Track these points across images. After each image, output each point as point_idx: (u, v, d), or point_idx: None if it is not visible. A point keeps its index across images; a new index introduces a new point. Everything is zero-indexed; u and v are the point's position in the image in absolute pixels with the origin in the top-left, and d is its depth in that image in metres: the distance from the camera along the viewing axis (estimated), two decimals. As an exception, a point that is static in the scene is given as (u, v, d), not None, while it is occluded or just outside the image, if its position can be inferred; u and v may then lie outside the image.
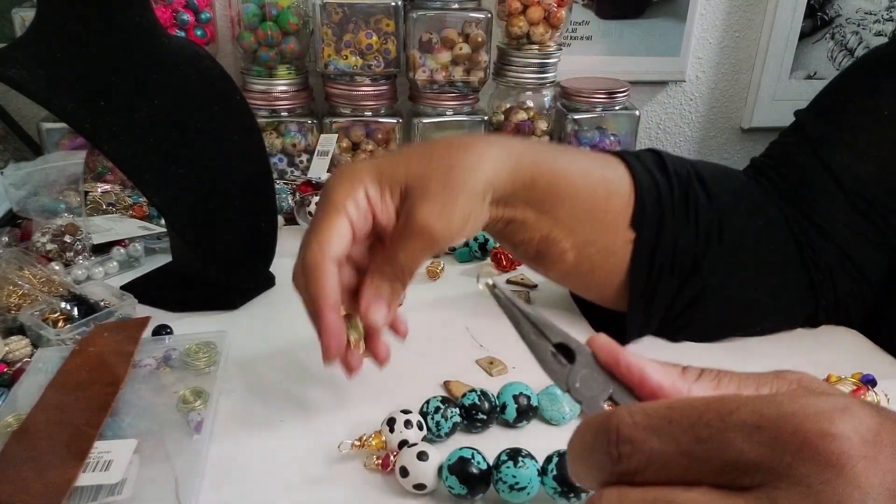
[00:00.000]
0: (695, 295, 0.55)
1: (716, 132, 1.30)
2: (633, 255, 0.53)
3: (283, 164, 0.98)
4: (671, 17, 1.15)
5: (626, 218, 0.53)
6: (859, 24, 1.22)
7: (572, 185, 0.51)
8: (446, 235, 0.44)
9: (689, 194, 0.55)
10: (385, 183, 0.44)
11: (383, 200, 0.44)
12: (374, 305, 0.43)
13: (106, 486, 0.39)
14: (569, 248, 0.51)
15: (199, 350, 0.52)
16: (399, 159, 0.46)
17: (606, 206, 0.52)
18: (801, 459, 0.21)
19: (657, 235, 0.53)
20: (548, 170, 0.49)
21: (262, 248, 0.67)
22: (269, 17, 0.91)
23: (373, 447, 0.44)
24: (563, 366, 0.29)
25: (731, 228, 0.56)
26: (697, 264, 0.54)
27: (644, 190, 0.53)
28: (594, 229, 0.52)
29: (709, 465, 0.22)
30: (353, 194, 0.43)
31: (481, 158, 0.46)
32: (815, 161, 0.59)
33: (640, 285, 0.54)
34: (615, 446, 0.23)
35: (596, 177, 0.53)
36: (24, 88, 0.54)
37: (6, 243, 0.70)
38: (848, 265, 0.58)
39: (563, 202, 0.50)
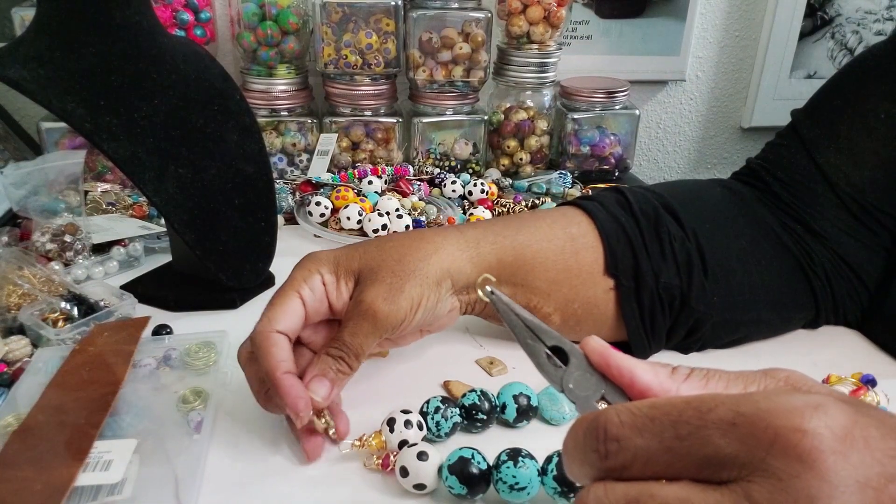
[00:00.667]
0: (692, 325, 0.55)
1: (716, 131, 1.30)
2: (618, 301, 0.54)
3: (282, 163, 0.98)
4: (671, 17, 1.15)
5: (600, 267, 0.54)
6: (859, 23, 1.22)
7: (539, 254, 0.52)
8: (392, 318, 0.45)
9: (659, 231, 0.55)
10: (341, 271, 0.47)
11: (338, 287, 0.47)
12: (315, 381, 0.44)
13: (106, 486, 0.39)
14: (552, 310, 0.53)
15: (199, 350, 0.52)
16: (356, 249, 0.49)
17: (578, 262, 0.53)
18: (774, 454, 0.22)
19: (636, 278, 0.54)
20: (510, 247, 0.52)
21: (261, 247, 0.67)
22: (269, 16, 0.91)
23: (373, 447, 0.44)
24: (558, 367, 0.30)
25: (714, 257, 0.55)
26: (685, 298, 0.54)
27: (610, 237, 0.54)
28: (571, 288, 0.53)
29: (689, 460, 0.23)
30: (308, 278, 0.47)
31: (436, 249, 0.49)
32: (810, 164, 0.59)
33: (636, 325, 0.54)
34: (603, 444, 0.25)
35: (560, 238, 0.54)
36: (24, 88, 0.54)
37: (6, 243, 0.70)
38: (844, 268, 0.58)
39: (534, 272, 0.52)
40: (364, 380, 0.54)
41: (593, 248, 0.54)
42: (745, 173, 0.64)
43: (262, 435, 0.47)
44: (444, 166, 1.00)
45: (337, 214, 0.80)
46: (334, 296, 0.47)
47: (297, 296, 0.46)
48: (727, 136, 1.31)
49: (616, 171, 1.07)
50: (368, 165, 0.95)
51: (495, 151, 1.04)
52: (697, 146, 1.30)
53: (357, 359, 0.46)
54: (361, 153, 0.99)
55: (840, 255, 0.58)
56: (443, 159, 1.01)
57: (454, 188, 0.90)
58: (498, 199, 0.91)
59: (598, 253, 0.54)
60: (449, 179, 0.91)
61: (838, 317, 0.61)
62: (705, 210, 0.59)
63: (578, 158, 1.05)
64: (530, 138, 1.02)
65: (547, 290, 0.53)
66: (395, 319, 0.46)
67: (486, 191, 0.90)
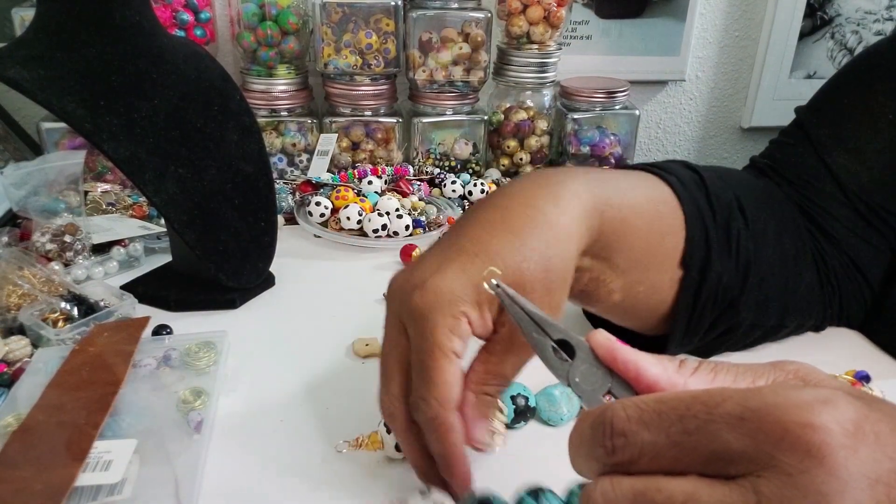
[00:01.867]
0: (727, 328, 0.54)
1: (716, 131, 1.30)
2: (679, 293, 0.51)
3: (282, 163, 0.98)
4: (671, 17, 1.15)
5: (678, 256, 0.51)
6: (859, 23, 1.22)
7: (633, 229, 0.48)
8: None
9: (730, 226, 0.53)
10: (483, 301, 0.39)
11: (482, 319, 0.39)
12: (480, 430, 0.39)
13: (106, 486, 0.39)
14: (617, 289, 0.49)
15: (199, 350, 0.52)
16: (488, 256, 0.39)
17: (662, 245, 0.50)
18: (783, 449, 0.21)
19: (703, 274, 0.51)
20: (615, 216, 0.46)
21: (261, 247, 0.67)
22: (269, 16, 0.91)
23: (369, 447, 0.44)
24: (564, 361, 0.30)
25: (762, 261, 0.54)
26: (735, 302, 0.53)
27: (694, 227, 0.51)
28: (646, 270, 0.50)
29: (696, 455, 0.23)
30: (456, 330, 0.38)
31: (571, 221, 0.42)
32: (818, 164, 0.58)
33: (683, 321, 0.52)
34: (609, 439, 0.24)
35: (652, 213, 0.50)
36: (24, 88, 0.54)
37: (6, 243, 0.70)
38: (853, 271, 0.58)
39: (622, 250, 0.48)
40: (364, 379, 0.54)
41: (678, 234, 0.51)
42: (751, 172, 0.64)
43: (262, 435, 0.47)
44: (444, 166, 1.00)
45: (337, 214, 0.79)
46: (479, 329, 0.39)
47: (454, 359, 0.38)
48: (727, 136, 1.31)
49: (616, 171, 1.07)
50: (368, 165, 0.95)
51: (495, 151, 1.04)
52: (697, 146, 1.30)
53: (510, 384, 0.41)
54: (361, 153, 0.99)
55: (850, 256, 0.58)
56: (443, 159, 1.01)
57: (454, 188, 0.90)
58: (498, 199, 0.91)
59: (679, 238, 0.51)
60: (449, 179, 0.91)
61: (841, 318, 0.61)
62: (765, 209, 0.57)
63: (578, 158, 1.05)
64: (530, 138, 1.02)
65: (624, 268, 0.48)
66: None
67: (486, 191, 0.90)
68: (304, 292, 0.67)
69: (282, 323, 0.62)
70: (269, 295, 0.67)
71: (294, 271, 0.70)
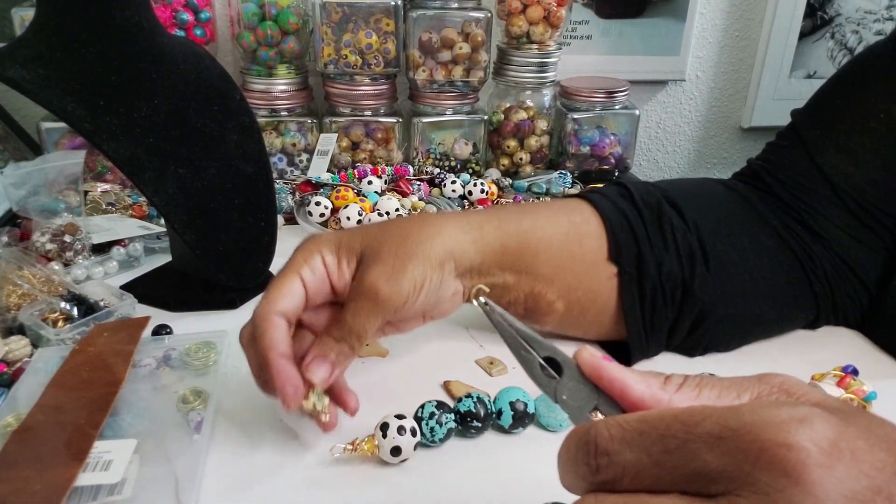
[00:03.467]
0: (694, 319, 0.55)
1: (715, 131, 1.30)
2: (620, 289, 0.54)
3: (282, 163, 0.98)
4: (671, 17, 1.15)
5: (603, 254, 0.54)
6: (859, 23, 1.22)
7: (543, 240, 0.52)
8: (394, 298, 0.45)
9: (661, 222, 0.55)
10: (342, 252, 0.46)
11: (339, 268, 0.46)
12: (314, 363, 0.44)
13: (106, 486, 0.39)
14: (555, 298, 0.53)
15: (199, 350, 0.52)
16: (358, 231, 0.48)
17: (581, 248, 0.53)
18: (760, 468, 0.22)
19: (638, 266, 0.53)
20: (514, 232, 0.51)
21: (261, 247, 0.67)
22: (269, 16, 0.91)
23: (365, 451, 0.44)
24: (552, 378, 0.30)
25: (715, 251, 0.55)
26: (687, 289, 0.54)
27: (614, 225, 0.54)
28: (575, 274, 0.53)
29: (677, 473, 0.23)
30: (309, 259, 0.46)
31: (439, 230, 0.48)
32: (810, 165, 0.59)
33: (636, 317, 0.54)
34: (594, 458, 0.25)
35: (563, 223, 0.54)
36: (24, 88, 0.54)
37: (6, 243, 0.70)
38: (845, 270, 0.58)
39: (538, 258, 0.51)
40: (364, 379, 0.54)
41: (597, 235, 0.54)
42: (746, 174, 0.64)
43: (262, 435, 0.47)
44: (443, 166, 1.00)
45: (337, 214, 0.79)
46: (336, 276, 0.46)
47: (298, 277, 0.45)
48: (727, 136, 1.31)
49: (616, 171, 1.07)
50: (368, 165, 0.95)
51: (495, 151, 1.04)
52: (697, 146, 1.30)
53: (359, 340, 0.45)
54: (361, 153, 0.99)
55: (840, 255, 0.58)
56: (443, 159, 1.01)
57: (454, 188, 0.90)
58: (498, 199, 0.91)
59: (601, 241, 0.54)
60: (449, 179, 0.91)
61: (838, 317, 0.61)
62: (707, 205, 0.59)
63: (578, 158, 1.05)
64: (530, 138, 1.02)
65: (551, 276, 0.52)
66: (397, 300, 0.45)
67: (486, 191, 0.90)
68: (303, 292, 0.67)
69: (282, 323, 0.62)
70: (269, 295, 0.67)
71: (294, 271, 0.70)
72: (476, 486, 0.44)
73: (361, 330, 0.44)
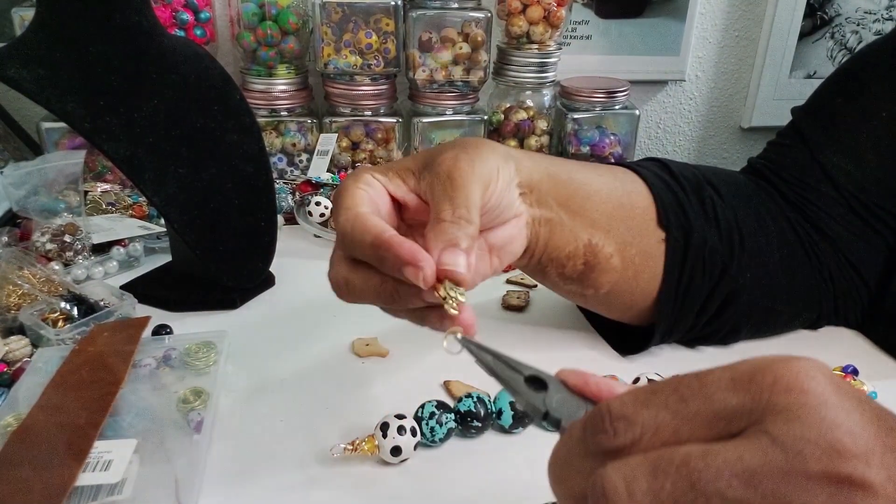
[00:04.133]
0: (724, 298, 0.54)
1: (715, 131, 1.30)
2: (666, 255, 0.52)
3: (282, 163, 0.98)
4: (671, 17, 1.15)
5: (653, 216, 0.52)
6: (859, 23, 1.22)
7: (592, 186, 0.49)
8: (479, 171, 0.39)
9: (703, 197, 0.54)
10: (391, 171, 0.42)
11: (392, 181, 0.41)
12: (448, 252, 0.35)
13: (106, 486, 0.39)
14: (613, 251, 0.50)
15: (199, 350, 0.52)
16: (401, 158, 0.44)
17: (631, 204, 0.51)
18: (777, 393, 0.23)
19: (686, 234, 0.52)
20: (560, 166, 0.49)
21: (261, 247, 0.67)
22: (269, 16, 0.91)
23: (365, 451, 0.44)
24: (539, 392, 0.30)
25: (749, 233, 0.55)
26: (726, 268, 0.53)
27: (660, 191, 0.52)
28: (629, 229, 0.51)
29: (698, 420, 0.24)
30: (361, 177, 0.41)
31: (494, 147, 0.44)
32: (812, 163, 0.59)
33: (671, 286, 0.52)
34: (610, 425, 0.25)
35: (609, 177, 0.52)
36: (24, 88, 0.54)
37: (6, 243, 0.70)
38: (848, 269, 0.58)
39: (590, 201, 0.49)
40: (364, 378, 0.54)
41: (645, 196, 0.52)
42: (749, 172, 0.64)
43: (262, 435, 0.47)
44: (443, 166, 1.00)
45: (337, 214, 0.79)
46: (392, 187, 0.41)
47: (358, 188, 0.40)
48: (727, 136, 1.30)
49: (616, 171, 1.07)
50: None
51: (495, 151, 1.04)
52: (697, 146, 1.30)
53: (473, 213, 0.37)
54: (361, 153, 0.99)
55: (845, 254, 0.58)
56: (443, 159, 1.01)
57: (454, 188, 0.90)
58: (498, 199, 0.91)
59: (649, 202, 0.52)
60: (449, 179, 0.91)
61: (839, 318, 0.61)
62: (737, 189, 0.58)
63: (578, 158, 1.05)
64: (530, 138, 1.02)
65: (606, 224, 0.49)
66: (483, 172, 0.40)
67: (486, 191, 0.90)
68: (304, 292, 0.67)
69: (282, 323, 0.62)
70: (269, 295, 0.67)
71: (294, 271, 0.70)
72: (476, 486, 0.44)
73: (468, 200, 0.38)
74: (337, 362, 0.56)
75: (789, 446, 0.22)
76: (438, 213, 0.37)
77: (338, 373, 0.55)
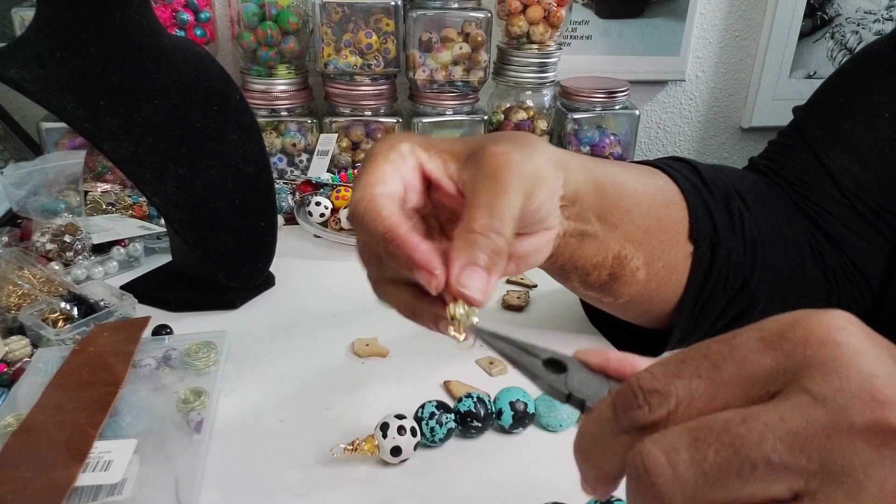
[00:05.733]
0: (739, 312, 0.53)
1: (716, 132, 1.30)
2: (691, 269, 0.51)
3: (282, 163, 0.98)
4: (671, 17, 1.15)
5: (685, 228, 0.51)
6: (859, 23, 1.22)
7: (635, 195, 0.48)
8: (531, 168, 0.36)
9: (730, 206, 0.53)
10: (435, 150, 0.38)
11: (432, 160, 0.38)
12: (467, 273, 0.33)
13: (106, 486, 0.39)
14: (640, 265, 0.49)
15: (199, 350, 0.52)
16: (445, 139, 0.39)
17: (668, 215, 0.50)
18: (811, 346, 0.22)
19: (713, 249, 0.51)
20: (607, 174, 0.46)
21: (261, 247, 0.67)
22: (269, 16, 0.91)
23: (365, 451, 0.44)
24: (559, 374, 0.29)
25: (770, 247, 0.54)
26: (746, 283, 0.52)
27: (692, 199, 0.51)
28: (660, 242, 0.49)
29: (733, 385, 0.23)
30: (398, 146, 0.37)
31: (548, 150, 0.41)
32: (815, 164, 0.59)
33: (692, 299, 0.52)
34: (644, 400, 0.24)
35: (651, 184, 0.50)
36: (24, 88, 0.54)
37: (6, 243, 0.70)
38: (852, 271, 0.58)
39: (629, 212, 0.47)
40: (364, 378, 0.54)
41: (679, 205, 0.50)
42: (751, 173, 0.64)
43: (262, 435, 0.47)
44: (444, 166, 1.00)
45: (337, 214, 0.79)
46: (431, 165, 0.37)
47: (388, 163, 0.36)
48: (727, 136, 1.30)
49: (616, 171, 1.07)
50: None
51: (495, 151, 1.04)
52: (697, 146, 1.30)
53: (508, 227, 0.34)
54: (361, 153, 0.99)
55: (849, 256, 0.58)
56: (443, 159, 1.01)
57: (454, 188, 0.90)
58: (498, 199, 0.91)
59: (683, 211, 0.51)
60: (449, 179, 0.91)
61: None
62: (762, 200, 0.57)
63: (578, 158, 1.05)
64: (530, 138, 1.02)
65: (640, 238, 0.48)
66: (535, 169, 0.37)
67: (486, 191, 0.90)
68: (304, 292, 0.67)
69: (282, 323, 0.62)
70: (269, 295, 0.67)
71: (294, 271, 0.70)
72: (476, 486, 0.44)
73: (506, 211, 0.34)
74: (337, 362, 0.56)
75: (830, 401, 0.21)
76: (472, 219, 0.34)
77: (338, 373, 0.55)
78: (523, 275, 0.70)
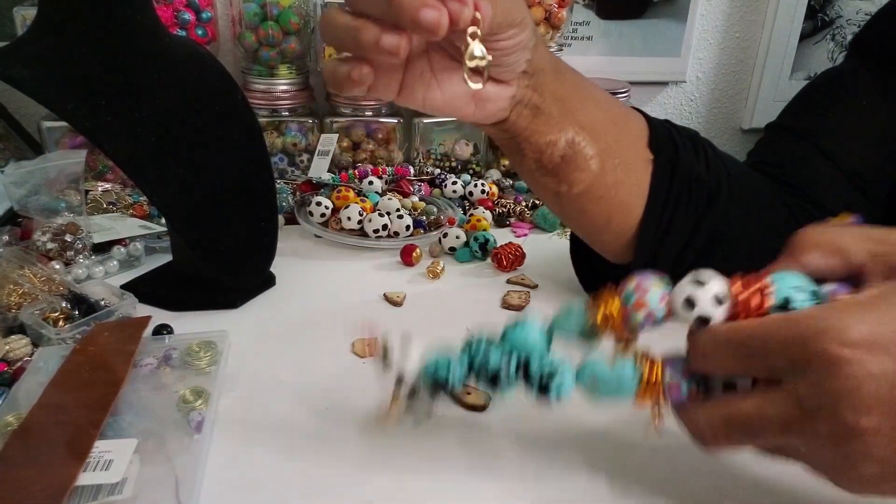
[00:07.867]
0: (708, 236, 0.54)
1: (716, 132, 1.30)
2: (652, 177, 0.53)
3: (283, 163, 0.98)
4: (671, 18, 1.15)
5: (644, 137, 0.54)
6: (859, 25, 1.22)
7: (595, 91, 0.52)
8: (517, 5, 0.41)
9: (696, 144, 0.56)
10: None
11: None
12: None
13: (106, 486, 0.39)
14: (594, 154, 0.50)
15: (200, 349, 0.52)
16: None
17: (626, 121, 0.54)
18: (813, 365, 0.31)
19: (673, 162, 0.54)
20: (570, 70, 0.51)
21: (262, 247, 0.67)
22: (270, 16, 0.91)
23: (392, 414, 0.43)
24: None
25: (737, 178, 0.56)
26: (713, 200, 0.54)
27: (656, 125, 0.55)
28: (617, 140, 0.52)
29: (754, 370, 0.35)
30: None
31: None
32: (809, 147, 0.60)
33: (656, 208, 0.53)
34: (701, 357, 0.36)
35: (612, 100, 0.54)
36: (25, 87, 0.54)
37: (7, 242, 0.70)
38: None
39: (586, 104, 0.51)
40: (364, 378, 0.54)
41: (640, 123, 0.55)
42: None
43: (263, 435, 0.47)
44: (444, 167, 1.00)
45: (337, 214, 0.80)
46: None
47: None
48: (727, 137, 1.31)
49: (616, 172, 1.07)
50: (369, 165, 0.95)
51: (496, 152, 1.04)
52: (698, 147, 1.31)
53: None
54: (362, 153, 0.99)
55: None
56: (443, 160, 1.01)
57: (455, 188, 0.90)
58: (498, 199, 0.91)
59: (643, 128, 0.55)
60: (449, 180, 0.91)
61: None
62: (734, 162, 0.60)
63: (579, 159, 1.05)
64: (531, 139, 1.02)
65: (595, 130, 0.50)
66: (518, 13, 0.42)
67: (487, 191, 0.90)
68: (304, 292, 0.68)
69: (282, 323, 0.62)
70: (270, 295, 0.67)
71: (294, 271, 0.70)
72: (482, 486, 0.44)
73: None
74: (337, 362, 0.56)
75: None
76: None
77: (338, 373, 0.55)
78: (524, 275, 0.70)
